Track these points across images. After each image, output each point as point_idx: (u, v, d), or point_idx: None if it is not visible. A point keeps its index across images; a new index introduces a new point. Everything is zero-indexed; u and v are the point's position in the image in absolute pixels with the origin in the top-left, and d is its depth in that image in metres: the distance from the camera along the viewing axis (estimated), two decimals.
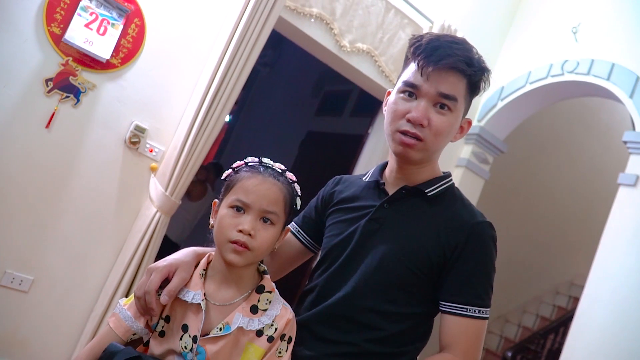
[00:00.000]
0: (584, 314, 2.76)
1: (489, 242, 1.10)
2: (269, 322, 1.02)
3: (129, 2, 2.54)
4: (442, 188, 1.16)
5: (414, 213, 1.13)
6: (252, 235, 0.99)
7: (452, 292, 1.08)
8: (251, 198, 1.00)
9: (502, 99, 3.72)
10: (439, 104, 1.08)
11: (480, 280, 1.08)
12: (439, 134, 1.08)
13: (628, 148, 2.92)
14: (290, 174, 1.09)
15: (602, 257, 2.80)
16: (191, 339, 0.98)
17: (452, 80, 1.08)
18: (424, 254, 1.09)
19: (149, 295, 1.00)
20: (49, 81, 2.43)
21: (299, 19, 3.02)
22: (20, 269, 2.49)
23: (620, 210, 2.81)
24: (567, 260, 5.72)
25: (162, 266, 1.03)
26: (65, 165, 2.53)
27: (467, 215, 1.12)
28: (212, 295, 1.02)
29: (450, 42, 1.09)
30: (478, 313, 1.06)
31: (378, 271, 1.10)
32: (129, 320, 1.02)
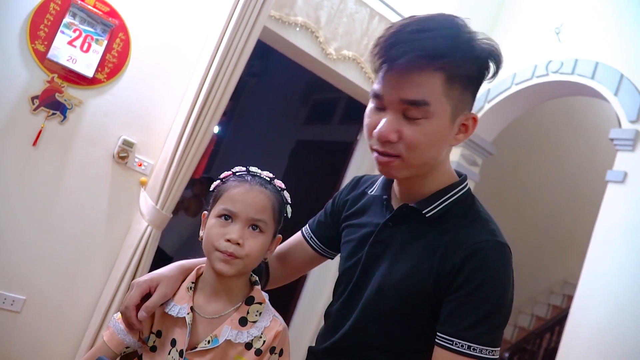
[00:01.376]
0: (579, 311, 2.77)
1: (492, 264, 0.89)
2: (257, 334, 1.00)
3: (113, 17, 2.54)
4: (447, 204, 0.98)
5: (414, 235, 0.99)
6: (240, 244, 0.97)
7: (442, 321, 0.91)
8: (238, 207, 0.99)
9: (488, 101, 3.75)
10: (407, 112, 0.89)
11: (474, 310, 0.87)
12: (415, 148, 0.89)
13: (615, 145, 2.95)
14: (278, 181, 1.08)
15: (594, 254, 2.81)
16: (178, 353, 0.97)
17: (417, 81, 0.86)
18: (417, 282, 0.94)
19: (128, 311, 0.98)
20: (35, 99, 2.42)
21: (284, 28, 3.03)
22: (11, 289, 2.46)
23: (610, 207, 2.84)
24: (559, 260, 5.75)
25: (142, 281, 1.00)
26: (53, 182, 2.51)
27: (470, 233, 0.93)
28: (201, 307, 1.01)
29: (414, 32, 0.87)
30: (468, 350, 0.86)
31: (375, 303, 1.00)
32: (122, 333, 1.02)
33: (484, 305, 0.88)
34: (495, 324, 0.89)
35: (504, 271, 0.91)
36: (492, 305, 0.88)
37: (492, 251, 0.91)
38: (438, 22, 0.89)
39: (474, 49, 0.89)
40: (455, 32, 0.88)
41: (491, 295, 0.88)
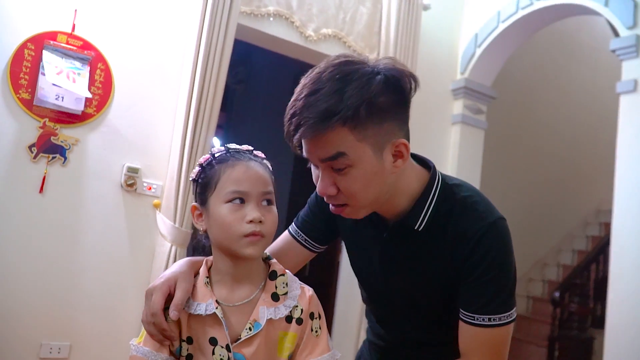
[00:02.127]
0: (620, 230, 2.70)
1: (496, 248, 0.98)
2: (294, 304, 0.97)
3: (89, 49, 2.51)
4: (432, 209, 1.01)
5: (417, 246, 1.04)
6: (262, 222, 0.94)
7: (461, 299, 1.01)
8: (247, 186, 0.95)
9: (478, 45, 3.67)
10: (332, 168, 0.92)
11: (489, 289, 0.98)
12: (354, 195, 0.93)
13: (618, 56, 2.87)
14: (258, 152, 1.04)
15: (622, 168, 2.74)
16: (225, 349, 0.93)
17: (325, 140, 0.88)
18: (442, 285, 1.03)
19: (157, 317, 0.92)
20: (32, 147, 2.40)
21: (257, 21, 2.99)
22: (55, 338, 2.46)
23: (628, 118, 2.76)
24: (588, 189, 5.64)
25: (160, 284, 0.95)
26: (69, 225, 2.50)
27: (466, 226, 0.99)
28: (227, 298, 0.97)
29: (306, 97, 0.88)
30: (489, 321, 0.97)
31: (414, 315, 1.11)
32: (150, 355, 0.94)
33: (496, 281, 0.98)
34: (507, 293, 0.99)
35: (503, 248, 0.99)
36: (501, 281, 0.98)
37: (491, 236, 0.98)
38: (324, 80, 0.89)
39: (368, 89, 0.88)
40: (341, 85, 0.87)
41: (500, 272, 0.98)
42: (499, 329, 0.98)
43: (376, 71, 0.90)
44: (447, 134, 3.75)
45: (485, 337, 0.99)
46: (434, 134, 3.68)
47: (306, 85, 0.90)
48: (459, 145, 3.71)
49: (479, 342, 0.99)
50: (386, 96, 0.90)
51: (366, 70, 0.90)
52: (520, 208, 4.92)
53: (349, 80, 0.88)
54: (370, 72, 0.90)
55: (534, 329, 4.63)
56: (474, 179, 3.73)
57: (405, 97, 0.95)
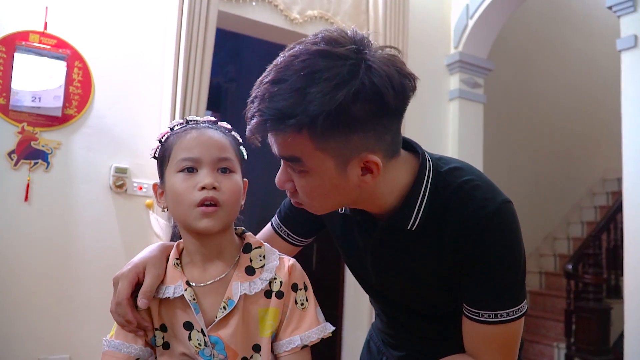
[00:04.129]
0: (632, 192, 2.59)
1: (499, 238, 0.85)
2: (272, 276, 0.88)
3: (63, 47, 2.40)
4: (425, 206, 0.87)
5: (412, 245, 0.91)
6: (217, 188, 0.84)
7: (466, 294, 0.89)
8: (197, 151, 0.85)
9: (470, 17, 3.56)
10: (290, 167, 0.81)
11: (495, 284, 0.86)
12: (310, 198, 0.83)
13: (615, 12, 2.75)
14: (224, 123, 0.95)
15: (629, 128, 2.63)
16: (200, 333, 0.85)
17: (282, 138, 0.77)
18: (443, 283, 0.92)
19: (121, 307, 0.85)
20: (12, 154, 2.30)
21: (240, 7, 2.87)
22: (53, 351, 2.36)
23: (631, 75, 2.65)
24: (592, 159, 5.54)
25: (127, 271, 0.87)
26: (59, 233, 2.39)
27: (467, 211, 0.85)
28: (198, 278, 0.88)
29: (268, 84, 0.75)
30: (495, 317, 0.86)
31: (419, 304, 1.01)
32: (123, 347, 0.87)
33: (502, 278, 0.86)
34: (516, 286, 0.87)
35: (509, 238, 0.86)
36: (509, 274, 0.86)
37: (492, 227, 0.84)
38: (292, 71, 0.74)
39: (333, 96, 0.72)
40: (304, 84, 0.72)
41: (507, 267, 0.86)
42: (507, 325, 0.87)
43: (355, 72, 0.73)
44: (445, 110, 3.64)
45: (492, 335, 0.87)
46: (432, 111, 3.56)
47: (275, 68, 0.76)
48: (459, 122, 3.60)
49: (485, 341, 0.88)
50: (361, 105, 0.74)
51: (342, 70, 0.73)
52: (525, 183, 4.82)
53: (315, 80, 0.72)
54: (345, 75, 0.73)
55: (549, 304, 4.53)
56: (476, 155, 3.62)
57: (389, 104, 0.76)
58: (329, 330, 0.90)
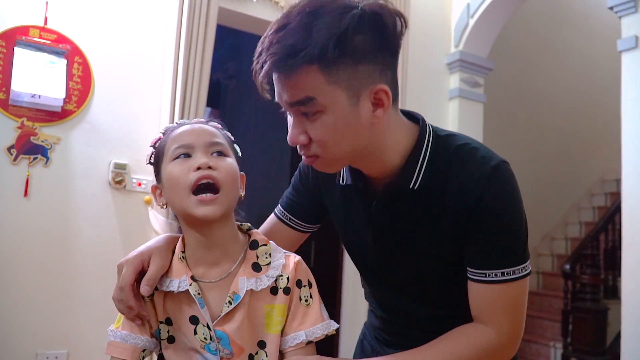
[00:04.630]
0: (631, 192, 2.59)
1: (501, 196, 0.86)
2: (278, 273, 0.88)
3: (63, 43, 2.40)
4: (426, 166, 0.89)
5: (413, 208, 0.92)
6: (212, 167, 0.84)
7: (470, 258, 0.90)
8: (189, 138, 0.87)
9: (471, 16, 3.55)
10: (302, 114, 0.82)
11: (499, 243, 0.87)
12: (326, 144, 0.83)
13: (616, 12, 2.75)
14: (215, 122, 0.96)
15: (629, 129, 2.63)
16: (206, 327, 0.85)
17: (293, 82, 0.79)
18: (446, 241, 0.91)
19: (124, 292, 0.84)
20: (11, 149, 2.29)
21: (240, 4, 2.87)
22: (51, 346, 2.36)
23: (631, 76, 2.65)
24: (591, 159, 5.54)
25: (132, 257, 0.87)
26: (58, 228, 2.39)
27: (466, 175, 0.87)
28: (204, 274, 0.88)
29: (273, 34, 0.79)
30: (502, 276, 0.87)
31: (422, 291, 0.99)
32: (129, 338, 0.86)
33: (506, 233, 0.87)
34: (520, 243, 0.89)
35: (509, 195, 0.88)
36: (514, 229, 0.88)
37: (492, 184, 0.86)
38: (294, 14, 0.79)
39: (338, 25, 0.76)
40: (310, 19, 0.77)
41: (510, 222, 0.87)
42: (515, 283, 0.87)
43: (354, 5, 0.78)
44: (445, 109, 3.64)
45: (500, 295, 0.88)
46: (432, 110, 3.56)
47: (276, 22, 0.80)
48: (458, 121, 3.59)
49: (493, 302, 0.88)
50: (363, 35, 0.78)
51: (341, 3, 0.78)
52: (524, 182, 4.74)
53: (319, 14, 0.77)
54: (346, 7, 0.78)
55: (546, 304, 4.54)
56: None
57: (388, 38, 0.81)
58: (334, 327, 0.90)
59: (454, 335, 0.90)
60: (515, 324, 0.89)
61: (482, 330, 0.89)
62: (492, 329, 0.88)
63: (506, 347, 0.90)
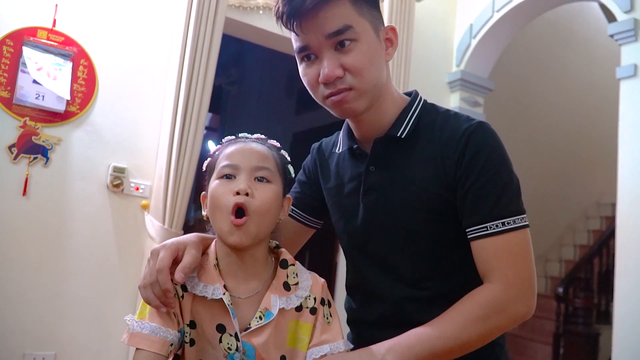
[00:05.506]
0: (626, 220, 2.61)
1: (486, 145, 0.91)
2: (306, 294, 0.91)
3: (70, 45, 2.42)
4: (414, 119, 0.99)
5: (402, 163, 0.98)
6: (250, 195, 0.86)
7: (467, 216, 0.91)
8: (238, 159, 0.90)
9: (474, 36, 3.59)
10: (338, 44, 0.91)
11: (492, 190, 0.89)
12: (361, 71, 0.91)
13: (617, 40, 2.79)
14: (273, 141, 1.00)
15: (625, 156, 2.66)
16: (234, 337, 0.85)
17: (330, 13, 0.89)
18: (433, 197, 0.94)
19: (162, 274, 0.82)
20: (12, 147, 2.30)
21: (246, 14, 2.90)
22: (39, 347, 2.35)
23: (629, 104, 2.68)
24: (587, 182, 5.57)
25: (169, 243, 0.87)
26: (54, 228, 2.40)
27: (452, 129, 0.94)
28: (233, 288, 0.89)
29: None
30: (503, 226, 0.88)
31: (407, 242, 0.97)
32: (160, 331, 0.83)
33: (498, 179, 0.90)
34: (514, 192, 0.92)
35: (498, 144, 0.93)
36: (504, 176, 0.91)
37: (481, 132, 0.93)
38: None
39: None
40: None
41: (500, 169, 0.91)
42: (517, 232, 0.89)
43: None
44: None
45: (503, 246, 0.88)
46: None
47: None
48: None
49: (496, 253, 0.88)
50: None
51: None
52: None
53: None
54: None
55: (538, 326, 4.54)
56: None
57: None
58: (350, 347, 0.93)
59: (462, 300, 0.89)
60: (522, 273, 0.88)
61: (487, 286, 0.89)
62: (497, 282, 0.87)
63: (515, 300, 0.87)
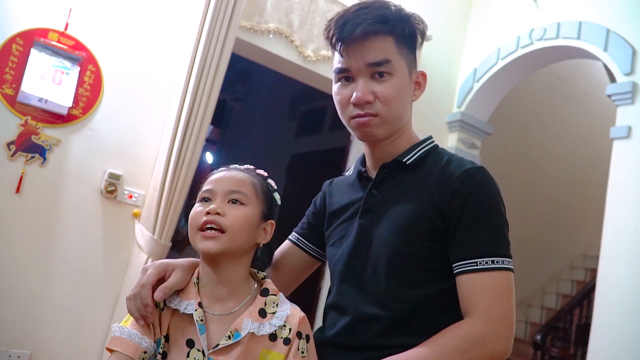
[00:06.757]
0: (606, 276, 2.65)
1: (485, 186, 0.98)
2: (281, 324, 0.94)
3: (80, 50, 2.46)
4: (423, 152, 1.07)
5: (402, 187, 1.04)
6: (220, 214, 0.94)
7: (457, 250, 0.95)
8: (214, 184, 0.98)
9: (477, 80, 3.67)
10: (376, 74, 1.00)
11: (485, 227, 0.94)
12: (389, 102, 1.01)
13: (614, 101, 2.86)
14: (261, 170, 1.08)
15: (611, 215, 2.70)
16: (201, 353, 0.89)
17: (375, 46, 1.00)
18: (424, 222, 0.98)
19: (145, 289, 0.92)
20: (11, 144, 2.33)
21: (257, 37, 2.96)
22: (15, 345, 2.34)
23: (619, 164, 2.73)
24: (576, 233, 5.62)
25: (159, 263, 0.97)
26: (44, 228, 2.41)
27: (456, 166, 1.01)
28: (209, 305, 0.94)
29: (358, 10, 1.01)
30: (492, 264, 0.92)
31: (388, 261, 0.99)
32: (136, 337, 0.90)
33: (491, 219, 0.95)
34: (504, 234, 0.96)
35: (495, 189, 0.99)
36: (498, 219, 0.96)
37: (481, 174, 0.99)
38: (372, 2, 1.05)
39: (405, 15, 1.05)
40: (387, 4, 1.04)
41: (495, 210, 0.96)
42: (504, 273, 0.93)
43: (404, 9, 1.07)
44: None
45: (490, 283, 0.91)
46: None
47: (353, 6, 1.03)
48: None
49: (482, 289, 0.91)
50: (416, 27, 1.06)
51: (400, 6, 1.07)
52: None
53: (392, 5, 1.04)
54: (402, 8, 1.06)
55: None
56: None
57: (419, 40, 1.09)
58: None
59: (442, 331, 0.92)
60: (504, 312, 0.91)
61: (469, 320, 0.91)
62: (480, 317, 0.90)
63: (494, 337, 0.89)
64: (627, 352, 2.46)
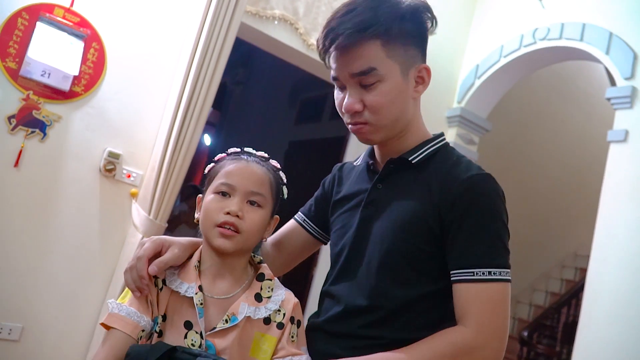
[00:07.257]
0: (595, 277, 2.69)
1: (489, 194, 0.95)
2: (276, 308, 0.97)
3: (85, 27, 2.46)
4: (430, 151, 1.04)
5: (406, 185, 1.03)
6: (240, 217, 0.95)
7: (455, 257, 0.94)
8: (236, 180, 0.98)
9: (478, 77, 3.68)
10: (362, 83, 0.97)
11: (484, 237, 0.92)
12: (378, 110, 0.97)
13: (612, 104, 2.88)
14: (274, 161, 1.08)
15: (604, 217, 2.74)
16: (198, 335, 0.91)
17: (358, 54, 0.95)
18: (421, 223, 0.96)
19: (140, 262, 0.93)
20: (12, 118, 2.33)
21: (262, 23, 2.96)
22: (7, 318, 2.36)
23: (615, 168, 2.76)
24: (569, 232, 5.68)
25: (156, 237, 0.98)
26: (41, 203, 2.42)
27: (461, 170, 0.98)
28: (208, 289, 0.97)
29: (343, 16, 0.96)
30: (489, 275, 0.90)
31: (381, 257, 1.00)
32: (135, 315, 0.91)
33: (492, 229, 0.93)
34: (504, 244, 0.95)
35: (498, 198, 0.97)
36: (499, 228, 0.94)
37: (485, 182, 0.97)
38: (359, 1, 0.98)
39: (397, 11, 0.97)
40: (375, 4, 0.96)
41: (496, 220, 0.94)
42: (501, 284, 0.91)
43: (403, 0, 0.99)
44: None
45: (484, 293, 0.90)
46: None
47: (341, 8, 0.98)
48: None
49: (476, 299, 0.90)
50: (412, 23, 0.99)
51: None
52: None
53: (382, 1, 0.97)
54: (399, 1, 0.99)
55: None
56: None
57: (425, 30, 1.02)
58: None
59: (433, 335, 0.92)
60: (496, 324, 0.90)
61: (460, 328, 0.91)
62: (471, 327, 0.89)
63: (484, 348, 0.89)
64: (611, 351, 2.51)
